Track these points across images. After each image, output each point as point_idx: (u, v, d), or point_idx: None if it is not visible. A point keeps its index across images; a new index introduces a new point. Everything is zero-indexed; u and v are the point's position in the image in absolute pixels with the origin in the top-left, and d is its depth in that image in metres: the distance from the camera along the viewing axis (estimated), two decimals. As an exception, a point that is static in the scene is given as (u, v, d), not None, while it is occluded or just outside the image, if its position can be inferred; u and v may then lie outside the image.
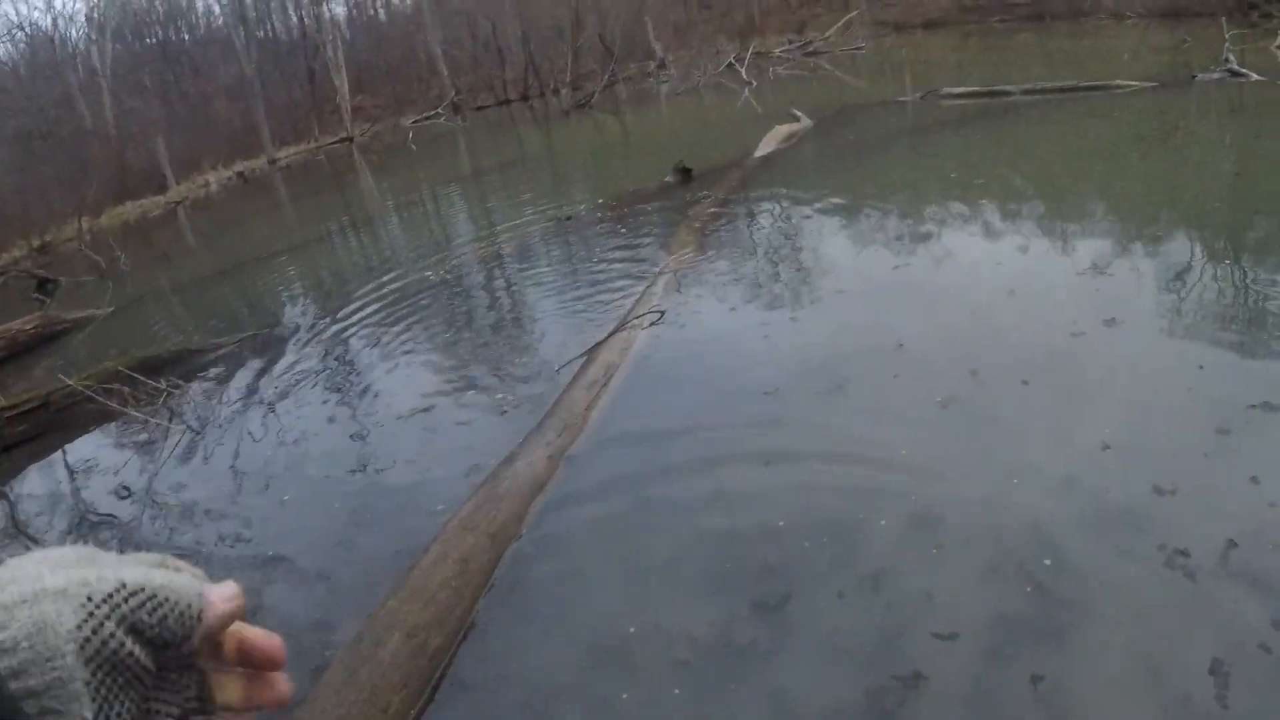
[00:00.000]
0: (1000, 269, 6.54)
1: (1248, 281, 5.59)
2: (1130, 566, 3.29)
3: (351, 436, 6.00)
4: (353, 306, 9.26)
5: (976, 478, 4.00)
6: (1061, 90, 13.52)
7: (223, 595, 0.53)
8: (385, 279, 10.20)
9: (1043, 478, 3.92)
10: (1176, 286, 5.63)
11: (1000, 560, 3.47)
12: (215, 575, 0.54)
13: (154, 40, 37.89)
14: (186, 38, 39.73)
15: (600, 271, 8.58)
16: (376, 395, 6.66)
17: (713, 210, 9.81)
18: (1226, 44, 14.04)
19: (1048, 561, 3.40)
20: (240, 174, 25.40)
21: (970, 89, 15.11)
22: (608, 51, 33.64)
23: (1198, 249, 6.30)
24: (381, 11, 43.70)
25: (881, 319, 5.96)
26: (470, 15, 38.16)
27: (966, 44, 30.90)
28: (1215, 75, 13.41)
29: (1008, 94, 14.09)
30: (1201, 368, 4.54)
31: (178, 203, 21.93)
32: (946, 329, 5.62)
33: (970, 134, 12.34)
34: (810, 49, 33.19)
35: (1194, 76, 13.53)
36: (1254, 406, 4.05)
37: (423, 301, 8.89)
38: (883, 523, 3.83)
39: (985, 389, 4.75)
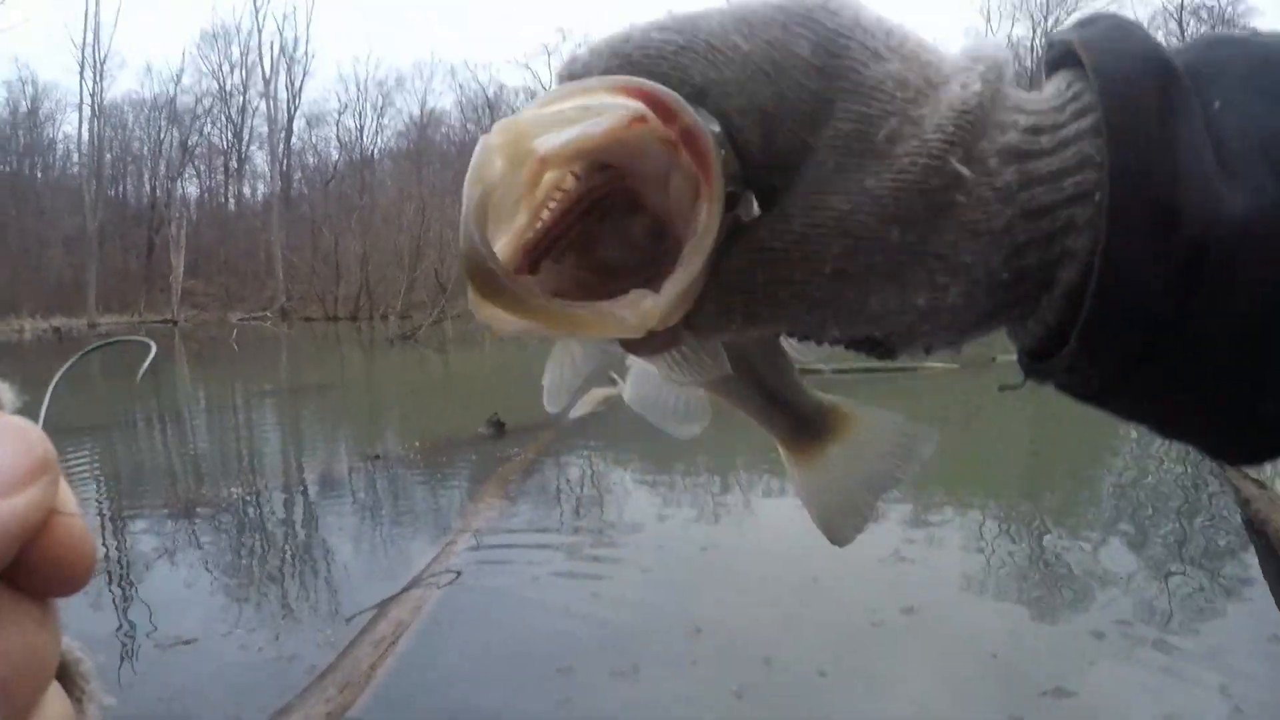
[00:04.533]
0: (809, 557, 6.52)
1: (1045, 559, 6.15)
2: None
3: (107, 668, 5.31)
4: (142, 512, 8.73)
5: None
6: (870, 371, 12.90)
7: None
8: (181, 487, 9.68)
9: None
10: (975, 571, 5.92)
11: None
12: None
13: (7, 169, 37.99)
14: (39, 176, 39.83)
15: (404, 516, 8.57)
16: (146, 620, 6.03)
17: (521, 469, 9.82)
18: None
19: None
20: (57, 329, 25.34)
21: (787, 365, 15.42)
22: (441, 287, 34.11)
23: (998, 529, 6.86)
24: (232, 201, 44.98)
25: (683, 600, 6.05)
26: (316, 224, 39.43)
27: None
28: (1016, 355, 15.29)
29: (819, 372, 14.17)
30: (994, 656, 4.64)
31: (-15, 345, 21.67)
32: (747, 615, 5.74)
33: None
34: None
35: (994, 358, 14.94)
36: (1045, 694, 4.08)
37: (216, 520, 8.45)
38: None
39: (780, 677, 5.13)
